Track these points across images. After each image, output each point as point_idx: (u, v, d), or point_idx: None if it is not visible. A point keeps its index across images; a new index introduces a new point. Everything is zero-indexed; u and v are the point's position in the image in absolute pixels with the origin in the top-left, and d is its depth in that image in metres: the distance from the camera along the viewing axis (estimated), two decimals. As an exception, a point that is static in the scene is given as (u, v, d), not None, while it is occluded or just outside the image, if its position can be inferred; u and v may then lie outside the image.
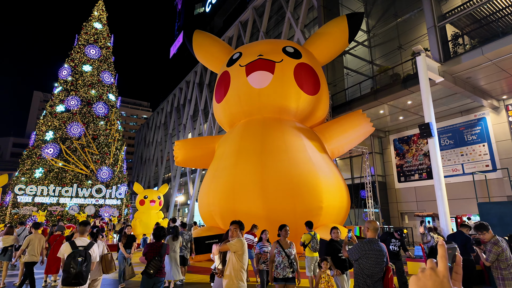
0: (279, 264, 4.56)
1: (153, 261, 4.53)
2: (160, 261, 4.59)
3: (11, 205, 20.48)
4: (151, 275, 4.46)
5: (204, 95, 39.70)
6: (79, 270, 3.89)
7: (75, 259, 3.92)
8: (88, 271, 4.03)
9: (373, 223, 3.48)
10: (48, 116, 24.25)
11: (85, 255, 3.99)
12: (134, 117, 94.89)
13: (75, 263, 3.90)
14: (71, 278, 3.85)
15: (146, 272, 4.49)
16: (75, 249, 4.00)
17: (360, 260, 3.29)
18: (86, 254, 4.01)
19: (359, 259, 3.31)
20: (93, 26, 27.54)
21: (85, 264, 3.96)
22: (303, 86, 11.75)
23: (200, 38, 14.58)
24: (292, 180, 10.05)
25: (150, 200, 22.73)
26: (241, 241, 3.87)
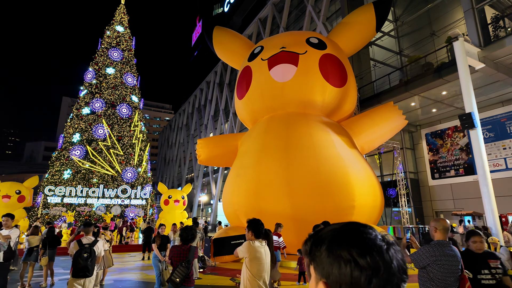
0: None
1: (180, 267, 3.93)
2: (187, 268, 3.97)
3: (42, 206, 21.14)
4: (177, 284, 3.86)
5: (225, 95, 39.60)
6: (85, 264, 4.48)
7: (81, 255, 4.51)
8: (93, 265, 4.61)
9: (442, 221, 2.85)
10: (74, 119, 24.91)
11: (90, 251, 4.58)
12: (157, 119, 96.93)
13: (81, 258, 4.50)
14: (78, 271, 4.46)
15: (171, 280, 3.90)
16: (81, 247, 4.59)
17: (429, 268, 2.69)
18: (91, 250, 4.60)
19: (427, 266, 2.71)
20: (115, 29, 28.04)
21: (90, 259, 4.55)
22: (329, 78, 11.11)
23: (220, 35, 14.26)
24: (320, 177, 9.45)
25: (174, 200, 22.77)
26: (247, 245, 3.34)
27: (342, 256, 0.68)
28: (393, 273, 0.67)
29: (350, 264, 0.67)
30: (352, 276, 0.66)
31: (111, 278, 8.29)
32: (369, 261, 0.66)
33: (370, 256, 0.67)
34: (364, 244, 0.69)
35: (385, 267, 0.67)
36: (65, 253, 11.37)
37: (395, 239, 4.62)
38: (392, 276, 0.67)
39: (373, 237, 0.71)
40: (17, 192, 18.38)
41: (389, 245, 0.71)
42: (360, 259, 0.66)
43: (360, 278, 0.65)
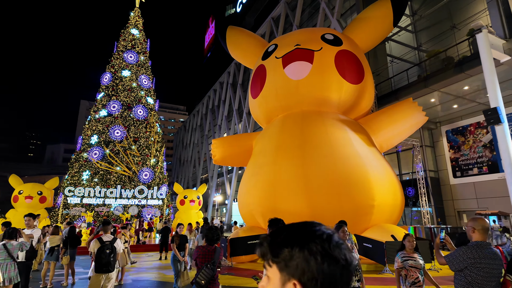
0: None
1: (205, 269, 3.74)
2: (213, 270, 3.78)
3: (62, 206, 21.71)
4: (202, 286, 3.69)
5: (238, 95, 39.66)
6: (108, 260, 4.75)
7: (104, 251, 4.77)
8: (115, 261, 4.91)
9: (481, 221, 2.62)
10: (92, 121, 25.47)
11: (111, 248, 4.85)
12: (172, 121, 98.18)
13: (104, 255, 4.76)
14: (102, 266, 4.71)
15: (197, 283, 3.73)
16: (102, 244, 4.83)
17: (467, 271, 2.49)
18: (112, 247, 4.87)
19: (465, 269, 2.50)
20: (130, 32, 28.51)
21: (112, 255, 4.82)
22: (345, 75, 10.86)
23: (233, 34, 14.21)
24: (338, 176, 9.24)
25: (190, 200, 22.94)
26: None
27: (319, 252, 0.71)
28: (353, 267, 0.74)
29: (325, 258, 0.70)
30: (330, 269, 0.70)
31: (130, 277, 8.36)
32: (340, 255, 0.72)
33: (340, 250, 0.72)
34: (332, 240, 0.73)
35: (350, 261, 0.73)
36: (85, 252, 11.58)
37: (414, 237, 4.38)
38: (353, 269, 0.73)
39: (328, 233, 0.75)
40: (38, 193, 18.94)
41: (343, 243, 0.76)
42: (335, 253, 0.71)
43: (336, 271, 0.70)
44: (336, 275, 0.70)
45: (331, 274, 0.70)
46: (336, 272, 0.70)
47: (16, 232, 4.75)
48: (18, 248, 4.68)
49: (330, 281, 0.70)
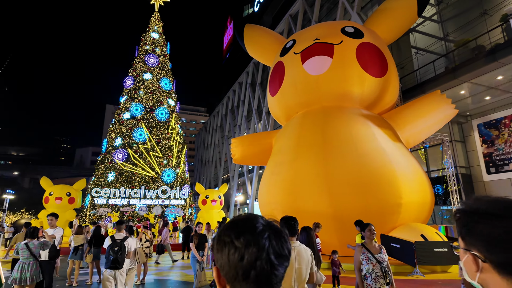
0: (369, 273, 3.57)
1: None
2: None
3: (90, 207, 22.47)
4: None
5: (257, 94, 39.55)
6: (115, 257, 4.93)
7: (113, 248, 5.00)
8: (123, 258, 5.05)
9: None
10: (116, 124, 26.21)
11: (120, 246, 5.01)
12: (193, 122, 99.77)
13: (113, 251, 4.96)
14: (110, 263, 4.92)
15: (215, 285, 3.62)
16: (113, 241, 5.06)
17: None
18: (122, 245, 5.04)
19: None
20: (151, 36, 29.09)
21: (120, 252, 4.98)
22: (367, 68, 10.43)
23: (251, 32, 14.08)
24: (362, 173, 8.86)
25: (212, 199, 23.08)
26: None
27: (224, 241, 0.80)
28: (263, 250, 0.77)
29: (228, 245, 0.79)
30: (229, 255, 0.78)
31: (152, 277, 8.41)
32: (242, 240, 0.78)
33: (243, 236, 0.78)
34: (241, 228, 0.81)
35: (256, 244, 0.77)
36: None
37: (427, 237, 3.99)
38: (261, 252, 0.77)
39: (253, 222, 0.82)
40: (67, 194, 19.70)
41: (270, 230, 0.81)
42: (236, 240, 0.78)
43: (235, 255, 0.77)
44: (235, 259, 0.77)
45: (231, 258, 0.77)
46: (235, 256, 0.77)
47: (37, 231, 4.84)
48: (40, 247, 4.76)
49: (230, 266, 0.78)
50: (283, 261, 0.80)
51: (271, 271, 0.77)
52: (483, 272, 0.81)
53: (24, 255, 4.60)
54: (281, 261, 0.80)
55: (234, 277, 0.77)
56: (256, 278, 0.76)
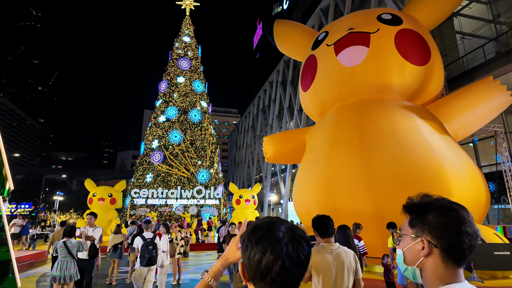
0: None
1: None
2: None
3: (130, 207, 23.44)
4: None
5: (288, 93, 39.04)
6: (151, 255, 5.19)
7: (147, 247, 5.21)
8: (157, 256, 5.36)
9: None
10: (153, 127, 27.17)
11: (153, 244, 5.29)
12: (226, 124, 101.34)
13: (147, 250, 5.19)
14: (146, 261, 5.15)
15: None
16: (145, 241, 5.27)
17: None
18: (154, 243, 5.33)
19: None
20: (183, 40, 29.80)
21: (154, 250, 5.28)
22: (408, 56, 9.68)
23: (281, 28, 13.75)
24: (405, 169, 8.19)
25: (245, 199, 23.05)
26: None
27: (247, 244, 0.90)
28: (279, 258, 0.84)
29: (250, 248, 0.88)
30: (249, 257, 0.88)
31: (188, 277, 8.41)
32: (260, 247, 0.86)
33: (262, 242, 0.86)
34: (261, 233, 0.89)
35: (272, 251, 0.84)
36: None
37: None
38: (277, 260, 0.84)
39: (274, 228, 0.90)
40: (109, 195, 20.67)
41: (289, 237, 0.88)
42: (255, 245, 0.87)
43: (254, 258, 0.86)
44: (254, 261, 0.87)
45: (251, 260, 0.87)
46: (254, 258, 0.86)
47: (74, 230, 4.95)
48: (77, 246, 4.85)
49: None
50: (299, 267, 0.87)
51: (287, 277, 0.85)
52: (428, 257, 0.94)
53: (62, 254, 4.71)
54: (297, 267, 0.86)
55: (254, 277, 0.88)
56: (272, 281, 0.85)
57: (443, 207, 0.96)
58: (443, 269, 0.91)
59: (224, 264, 1.21)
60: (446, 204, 0.97)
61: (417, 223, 0.97)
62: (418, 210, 0.99)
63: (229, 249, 1.21)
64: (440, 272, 0.92)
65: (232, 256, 1.19)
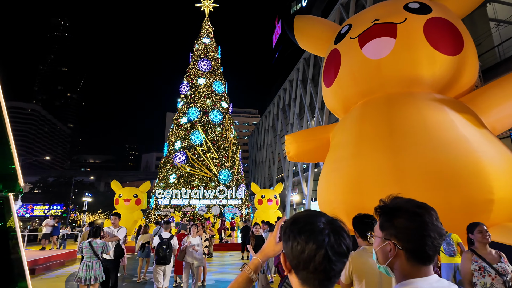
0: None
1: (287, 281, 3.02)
2: None
3: (154, 207, 23.88)
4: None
5: (309, 91, 38.48)
6: (164, 254, 5.47)
7: (162, 246, 5.49)
8: (170, 255, 5.62)
9: None
10: (175, 129, 27.58)
11: (168, 244, 5.54)
12: (246, 124, 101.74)
13: (162, 249, 5.47)
14: (160, 259, 5.47)
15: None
16: (161, 240, 5.57)
17: None
18: (169, 243, 5.58)
19: None
20: (202, 41, 30.05)
21: (168, 250, 5.51)
22: (438, 46, 9.09)
23: (301, 23, 13.40)
24: (440, 166, 7.67)
25: (267, 199, 22.85)
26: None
27: (289, 235, 0.94)
28: (321, 247, 0.88)
29: (292, 239, 0.92)
30: (292, 247, 0.92)
31: (212, 278, 8.32)
32: (303, 237, 0.90)
33: (304, 233, 0.90)
34: (302, 224, 0.93)
35: (315, 241, 0.88)
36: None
37: None
38: (320, 249, 0.87)
39: (314, 220, 0.93)
40: (134, 196, 21.12)
41: (330, 228, 0.92)
42: (298, 236, 0.91)
43: (297, 248, 0.90)
44: (297, 251, 0.91)
45: (294, 250, 0.92)
46: (297, 248, 0.91)
47: (99, 230, 4.95)
48: (102, 247, 4.85)
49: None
50: (341, 258, 0.90)
51: (329, 265, 0.88)
52: (395, 257, 1.05)
53: (88, 254, 4.72)
54: (339, 257, 0.90)
55: (296, 266, 0.92)
56: (315, 269, 0.88)
57: (408, 213, 1.05)
58: (409, 268, 1.03)
59: (264, 258, 1.24)
60: (411, 209, 1.07)
61: (386, 227, 1.08)
62: (387, 214, 1.09)
63: (268, 244, 1.24)
64: (406, 270, 1.04)
65: (271, 250, 1.22)
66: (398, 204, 1.10)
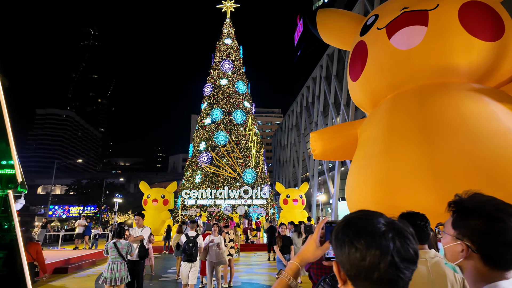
0: None
1: (323, 284, 2.77)
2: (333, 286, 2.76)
3: (181, 207, 24.25)
4: None
5: (333, 87, 37.58)
6: (191, 252, 5.68)
7: (188, 244, 5.71)
8: (196, 253, 5.82)
9: None
10: (199, 130, 27.91)
11: (194, 242, 5.73)
12: (269, 124, 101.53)
13: (188, 247, 5.69)
14: (186, 257, 5.71)
15: None
16: (188, 238, 5.75)
17: None
18: (195, 242, 5.77)
19: None
20: (224, 42, 30.19)
21: (194, 248, 5.72)
22: (476, 31, 8.41)
23: (325, 16, 12.95)
24: (482, 161, 7.06)
25: (293, 199, 22.50)
26: None
27: (343, 240, 0.81)
28: (387, 253, 0.75)
29: (348, 245, 0.79)
30: (349, 254, 0.78)
31: (239, 279, 8.19)
32: (362, 242, 0.77)
33: (363, 237, 0.77)
34: (359, 227, 0.80)
35: (378, 246, 0.76)
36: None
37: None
38: (385, 255, 0.75)
39: (373, 222, 0.80)
40: (162, 196, 21.57)
41: (393, 230, 0.78)
42: (355, 240, 0.78)
43: (355, 255, 0.77)
44: (356, 258, 0.77)
45: (352, 257, 0.78)
46: (355, 255, 0.78)
47: (123, 231, 4.94)
48: (127, 247, 4.83)
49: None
50: (410, 265, 0.78)
51: (397, 274, 0.76)
52: (468, 259, 0.94)
53: (113, 255, 4.71)
54: (407, 264, 0.77)
55: (356, 276, 0.79)
56: (380, 280, 0.76)
57: (489, 216, 0.93)
58: (487, 271, 0.92)
59: (302, 263, 1.13)
60: (493, 213, 0.94)
61: (459, 227, 0.97)
62: (462, 213, 0.98)
63: (307, 247, 1.13)
64: (484, 274, 0.93)
65: (311, 255, 1.11)
66: (477, 203, 0.98)
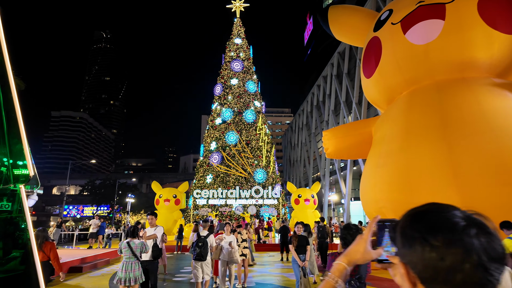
0: None
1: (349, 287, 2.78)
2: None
3: (193, 207, 24.33)
4: None
5: (344, 85, 37.12)
6: (200, 251, 5.80)
7: (198, 244, 5.82)
8: (206, 252, 5.91)
9: None
10: (210, 130, 27.95)
11: (203, 242, 5.85)
12: (279, 124, 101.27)
13: (199, 246, 5.80)
14: (197, 256, 5.82)
15: None
16: (199, 238, 5.91)
17: None
18: (205, 241, 5.88)
19: None
20: (234, 42, 30.16)
21: (203, 247, 5.82)
22: (496, 24, 8.09)
23: (337, 13, 12.77)
24: (503, 158, 6.79)
25: (304, 198, 22.28)
26: None
27: (413, 236, 0.70)
28: (471, 251, 0.64)
29: (420, 242, 0.68)
30: (423, 253, 0.67)
31: (252, 280, 8.09)
32: (439, 238, 0.66)
33: (441, 233, 0.67)
34: (434, 222, 0.69)
35: (461, 244, 0.65)
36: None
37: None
38: (469, 253, 0.64)
39: (448, 215, 0.69)
40: (173, 196, 21.67)
41: (473, 224, 0.67)
42: (430, 237, 0.67)
43: (431, 254, 0.66)
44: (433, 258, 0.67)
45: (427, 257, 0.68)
46: (431, 254, 0.67)
47: (137, 230, 4.89)
48: (140, 247, 4.78)
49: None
50: (500, 264, 0.66)
51: (485, 276, 0.63)
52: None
53: (127, 254, 4.67)
54: (497, 265, 0.65)
55: (432, 278, 0.67)
56: (463, 283, 0.64)
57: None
58: None
59: (350, 264, 1.04)
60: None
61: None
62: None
63: (356, 247, 1.02)
64: None
65: (361, 257, 1.00)
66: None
